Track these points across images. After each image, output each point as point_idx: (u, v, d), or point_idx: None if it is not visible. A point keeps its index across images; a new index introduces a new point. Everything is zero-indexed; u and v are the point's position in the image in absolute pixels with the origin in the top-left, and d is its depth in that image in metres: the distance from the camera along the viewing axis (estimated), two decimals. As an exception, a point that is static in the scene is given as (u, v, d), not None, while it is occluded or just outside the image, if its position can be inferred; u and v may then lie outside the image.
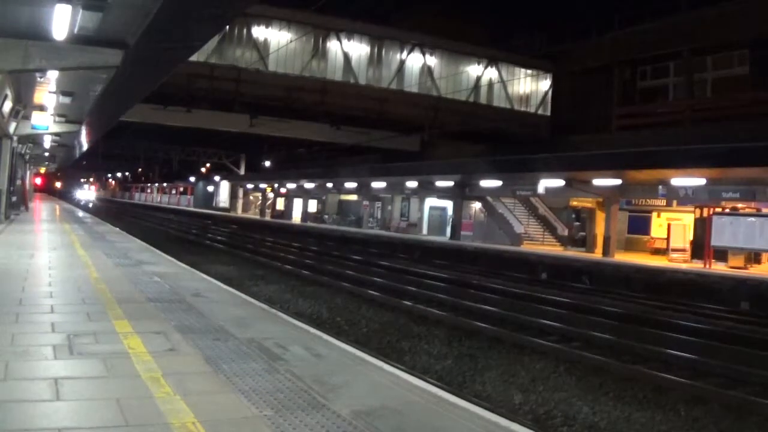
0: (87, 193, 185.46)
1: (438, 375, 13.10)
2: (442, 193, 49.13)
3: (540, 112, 58.31)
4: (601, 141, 43.69)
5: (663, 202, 38.52)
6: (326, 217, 69.43)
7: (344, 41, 48.89)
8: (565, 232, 46.13)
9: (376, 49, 50.44)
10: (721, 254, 32.51)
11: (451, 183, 45.59)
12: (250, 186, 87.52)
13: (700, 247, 33.93)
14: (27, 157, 51.94)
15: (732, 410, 11.68)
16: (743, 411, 11.64)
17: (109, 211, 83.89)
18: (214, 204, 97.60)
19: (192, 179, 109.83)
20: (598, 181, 35.87)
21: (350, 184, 58.16)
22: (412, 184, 49.32)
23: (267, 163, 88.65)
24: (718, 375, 13.75)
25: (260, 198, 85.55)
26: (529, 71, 57.63)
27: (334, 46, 48.79)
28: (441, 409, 6.86)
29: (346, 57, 49.11)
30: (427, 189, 48.97)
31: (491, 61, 55.39)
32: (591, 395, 12.27)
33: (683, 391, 12.54)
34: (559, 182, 37.80)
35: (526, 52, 55.99)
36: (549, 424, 10.70)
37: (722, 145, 29.49)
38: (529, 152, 40.75)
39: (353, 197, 67.44)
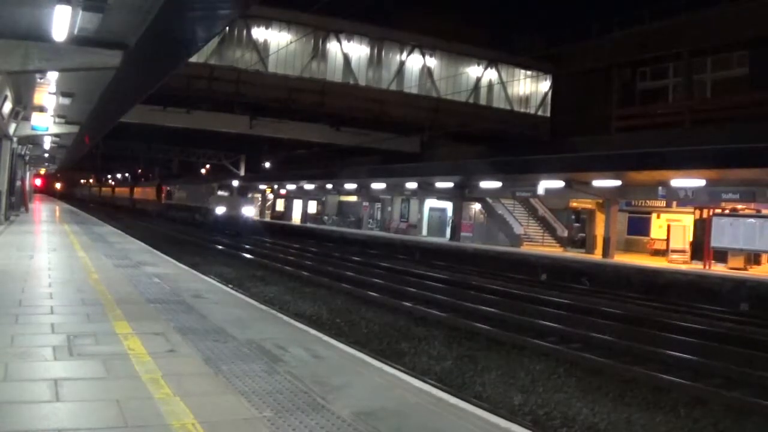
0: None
1: (438, 376, 13.08)
2: (442, 195, 49.14)
3: (540, 113, 58.43)
4: (601, 142, 43.69)
5: (663, 204, 38.54)
6: (326, 218, 69.44)
7: (344, 42, 48.99)
8: (565, 234, 46.17)
9: (375, 51, 50.55)
10: (721, 255, 32.54)
11: (450, 184, 45.61)
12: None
13: (699, 248, 33.97)
14: (27, 158, 51.90)
15: (732, 411, 11.68)
16: (743, 412, 11.64)
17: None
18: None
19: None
20: (597, 183, 35.88)
21: (350, 185, 58.19)
22: (411, 185, 49.34)
23: (267, 165, 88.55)
24: (718, 376, 13.76)
25: (260, 199, 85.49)
26: (528, 72, 57.77)
27: (333, 47, 48.89)
28: (441, 410, 6.86)
29: (346, 58, 49.20)
30: (426, 190, 49.00)
31: (491, 62, 55.48)
32: (591, 396, 12.26)
33: (683, 392, 12.54)
34: (558, 183, 37.82)
35: (526, 54, 56.03)
36: (549, 426, 10.70)
37: (722, 146, 29.56)
38: (529, 153, 40.81)
39: (353, 198, 67.40)
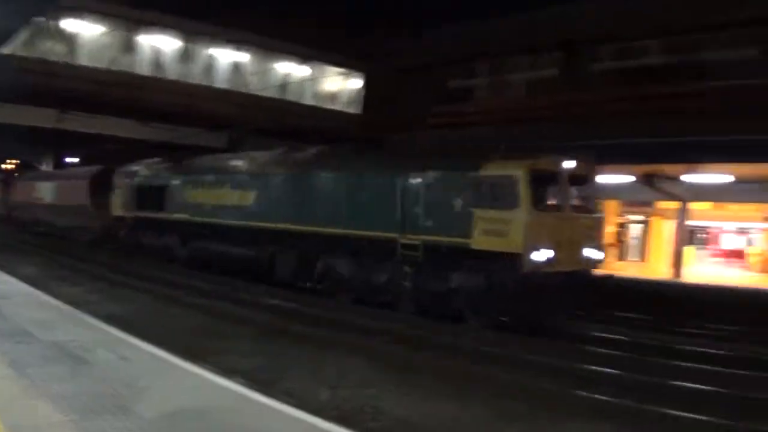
0: None
1: (247, 374, 13.09)
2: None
3: (352, 110, 59.01)
4: (413, 139, 44.29)
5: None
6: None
7: (155, 35, 48.22)
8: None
9: (187, 45, 50.00)
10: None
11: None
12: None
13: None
14: None
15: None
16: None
17: None
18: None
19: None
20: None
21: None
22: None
23: (76, 160, 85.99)
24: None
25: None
26: (341, 70, 58.21)
27: (144, 40, 48.03)
28: (246, 407, 7.00)
29: (157, 52, 48.47)
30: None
31: (303, 59, 55.70)
32: (402, 389, 12.40)
33: (493, 384, 12.84)
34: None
35: (339, 51, 56.40)
36: (357, 419, 10.84)
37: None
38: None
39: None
